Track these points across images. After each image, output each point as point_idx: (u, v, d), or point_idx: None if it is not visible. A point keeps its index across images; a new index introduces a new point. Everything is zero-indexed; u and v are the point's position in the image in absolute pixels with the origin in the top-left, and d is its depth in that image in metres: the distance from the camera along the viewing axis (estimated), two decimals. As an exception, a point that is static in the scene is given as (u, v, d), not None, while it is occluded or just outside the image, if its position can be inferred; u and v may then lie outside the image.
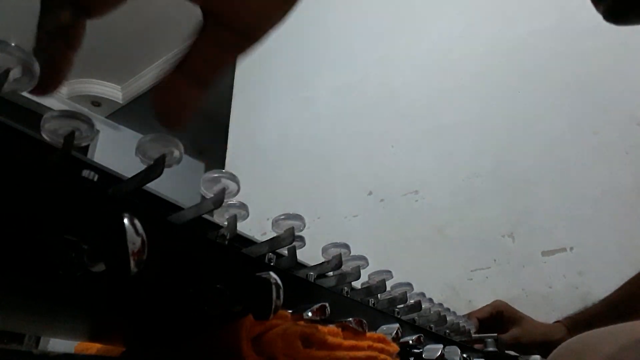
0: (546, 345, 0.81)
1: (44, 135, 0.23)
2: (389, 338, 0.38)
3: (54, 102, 3.05)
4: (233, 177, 0.27)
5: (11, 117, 0.24)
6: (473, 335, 0.70)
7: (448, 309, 0.61)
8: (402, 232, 1.33)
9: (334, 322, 0.33)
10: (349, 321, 0.34)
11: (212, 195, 0.27)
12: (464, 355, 0.51)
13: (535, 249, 1.11)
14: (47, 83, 0.22)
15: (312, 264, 0.40)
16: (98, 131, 0.24)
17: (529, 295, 1.08)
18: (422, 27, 1.53)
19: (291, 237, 0.33)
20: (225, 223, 0.32)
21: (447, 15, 1.51)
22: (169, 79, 0.23)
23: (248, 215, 0.33)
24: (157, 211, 0.30)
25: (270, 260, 0.34)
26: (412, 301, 0.48)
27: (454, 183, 1.29)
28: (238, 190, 0.28)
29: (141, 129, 3.33)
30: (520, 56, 1.30)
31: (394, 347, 0.37)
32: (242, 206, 0.32)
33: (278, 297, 0.25)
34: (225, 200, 0.28)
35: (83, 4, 0.22)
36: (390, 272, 0.45)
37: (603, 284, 0.85)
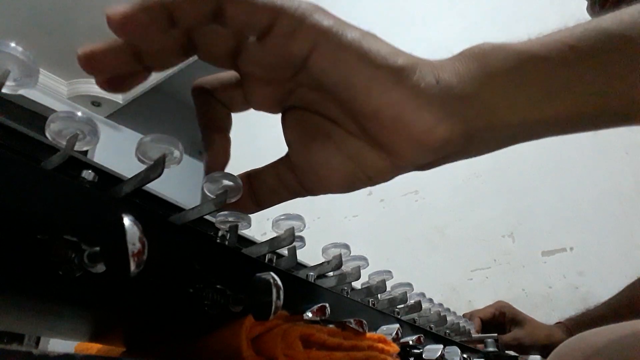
0: (548, 347, 0.81)
1: (48, 135, 0.23)
2: (389, 338, 0.38)
3: (53, 102, 3.06)
4: (235, 179, 0.28)
5: (11, 117, 0.24)
6: (473, 336, 0.70)
7: (448, 309, 0.61)
8: (402, 232, 1.33)
9: (334, 322, 0.33)
10: (349, 321, 0.34)
11: (214, 197, 0.27)
12: (464, 356, 0.51)
13: (535, 249, 1.11)
14: (222, 162, 0.29)
15: (312, 264, 0.40)
16: (98, 138, 0.25)
17: (529, 295, 1.08)
18: (422, 27, 1.54)
19: (291, 237, 0.33)
20: (227, 225, 0.32)
21: (447, 15, 1.51)
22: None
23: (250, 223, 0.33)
24: (157, 211, 0.30)
25: (270, 260, 0.34)
26: (412, 301, 0.48)
27: (454, 183, 1.29)
28: (240, 191, 0.28)
29: (141, 129, 3.34)
30: (520, 56, 1.30)
31: (394, 348, 0.37)
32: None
33: (278, 297, 0.25)
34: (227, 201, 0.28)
35: (224, 103, 0.29)
36: (390, 272, 0.45)
37: (603, 284, 0.85)
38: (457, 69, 0.25)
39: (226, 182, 0.27)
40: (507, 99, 0.25)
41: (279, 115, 0.31)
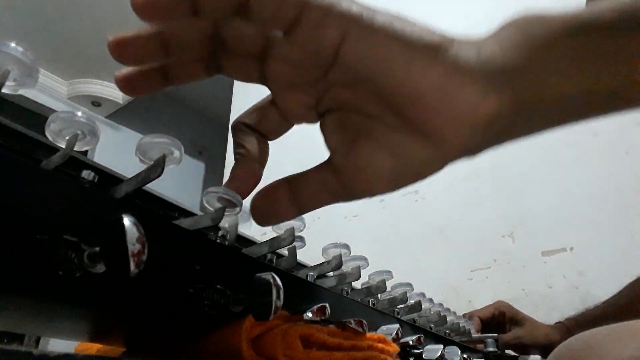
0: (548, 347, 0.81)
1: (48, 135, 0.23)
2: (389, 338, 0.38)
3: (54, 102, 3.05)
4: (234, 196, 0.28)
5: (11, 117, 0.24)
6: (473, 336, 0.70)
7: (448, 309, 0.61)
8: (402, 232, 1.33)
9: (334, 323, 0.33)
10: (349, 321, 0.34)
11: (213, 211, 0.27)
12: (464, 356, 0.51)
13: (535, 249, 1.11)
14: (242, 191, 0.27)
15: (312, 264, 0.40)
16: (98, 138, 0.25)
17: (529, 295, 1.08)
18: (422, 27, 1.53)
19: (291, 237, 0.33)
20: (226, 224, 0.32)
21: (447, 15, 1.51)
22: (275, 187, 0.29)
23: (249, 217, 0.33)
24: (158, 212, 0.30)
25: (270, 260, 0.34)
26: (412, 301, 0.48)
27: (453, 183, 1.29)
28: (240, 209, 0.29)
29: (141, 129, 3.34)
30: (520, 56, 1.30)
31: (394, 348, 0.37)
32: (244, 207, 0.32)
33: (278, 297, 0.25)
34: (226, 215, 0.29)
35: (264, 132, 0.29)
36: (390, 272, 0.45)
37: (603, 284, 0.85)
38: (499, 40, 0.24)
39: (226, 197, 0.27)
40: (556, 69, 0.24)
41: None
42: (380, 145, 0.26)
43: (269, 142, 0.31)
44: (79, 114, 0.23)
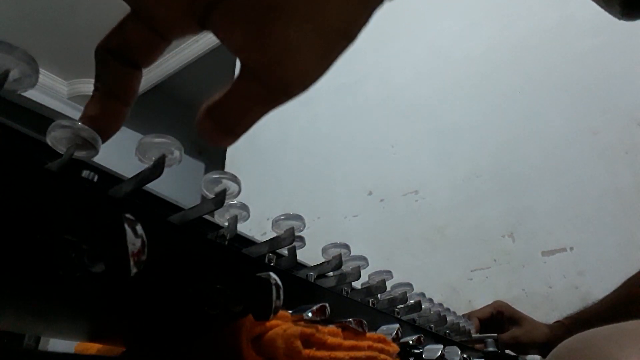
0: (546, 346, 0.81)
1: (49, 142, 0.23)
2: (389, 338, 0.38)
3: (53, 102, 3.05)
4: (234, 179, 0.27)
5: (11, 117, 0.24)
6: (473, 336, 0.70)
7: (448, 309, 0.61)
8: (402, 232, 1.33)
9: (334, 322, 0.33)
10: (349, 321, 0.34)
11: (213, 196, 0.27)
12: (464, 356, 0.51)
13: (535, 249, 1.11)
14: (101, 133, 0.23)
15: (312, 264, 0.40)
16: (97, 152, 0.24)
17: (529, 295, 1.08)
18: (422, 27, 1.53)
19: (291, 237, 0.33)
20: (226, 224, 0.32)
21: (447, 15, 1.51)
22: (201, 120, 0.23)
23: (249, 216, 0.33)
24: (157, 211, 0.30)
25: (270, 260, 0.34)
26: (412, 301, 0.48)
27: (454, 183, 1.29)
28: (239, 192, 0.28)
29: (141, 129, 3.33)
30: (520, 56, 1.30)
31: (394, 347, 0.37)
32: (243, 207, 0.32)
33: (278, 297, 0.25)
34: (226, 201, 0.28)
35: (131, 56, 0.23)
36: (390, 272, 0.45)
37: (603, 284, 0.85)
38: None
39: (225, 182, 0.27)
40: None
41: (279, 115, 0.29)
42: (291, 14, 0.21)
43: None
44: (81, 125, 0.23)
